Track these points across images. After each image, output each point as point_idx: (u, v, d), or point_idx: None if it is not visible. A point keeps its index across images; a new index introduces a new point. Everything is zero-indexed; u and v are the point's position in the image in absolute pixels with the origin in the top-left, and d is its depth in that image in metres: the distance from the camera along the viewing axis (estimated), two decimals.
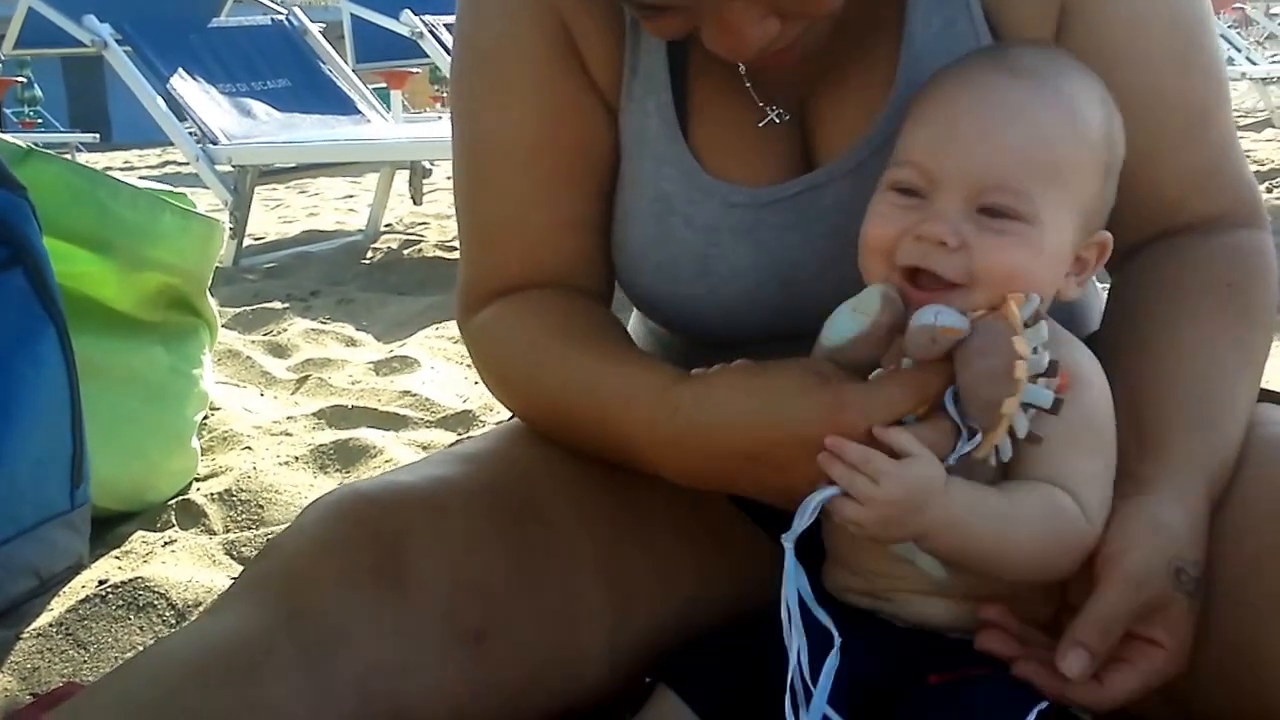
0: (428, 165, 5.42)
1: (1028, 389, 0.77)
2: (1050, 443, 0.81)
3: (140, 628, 1.40)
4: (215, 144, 4.47)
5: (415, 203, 5.48)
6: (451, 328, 3.03)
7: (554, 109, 0.99)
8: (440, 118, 8.43)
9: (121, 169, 9.96)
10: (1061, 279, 0.85)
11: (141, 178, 5.48)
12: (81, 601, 1.43)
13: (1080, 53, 0.91)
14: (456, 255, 1.08)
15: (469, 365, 2.74)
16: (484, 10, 1.02)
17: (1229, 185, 0.99)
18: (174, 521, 1.76)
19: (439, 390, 2.48)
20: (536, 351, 0.98)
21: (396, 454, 2.01)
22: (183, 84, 4.60)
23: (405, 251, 4.63)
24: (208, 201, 4.89)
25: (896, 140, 0.87)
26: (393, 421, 2.24)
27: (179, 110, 4.61)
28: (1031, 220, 0.81)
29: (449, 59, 1.08)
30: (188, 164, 4.71)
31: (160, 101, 4.60)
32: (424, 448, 2.07)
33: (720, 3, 0.81)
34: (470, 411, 2.28)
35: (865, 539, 0.82)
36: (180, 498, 1.83)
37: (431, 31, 5.27)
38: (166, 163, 10.68)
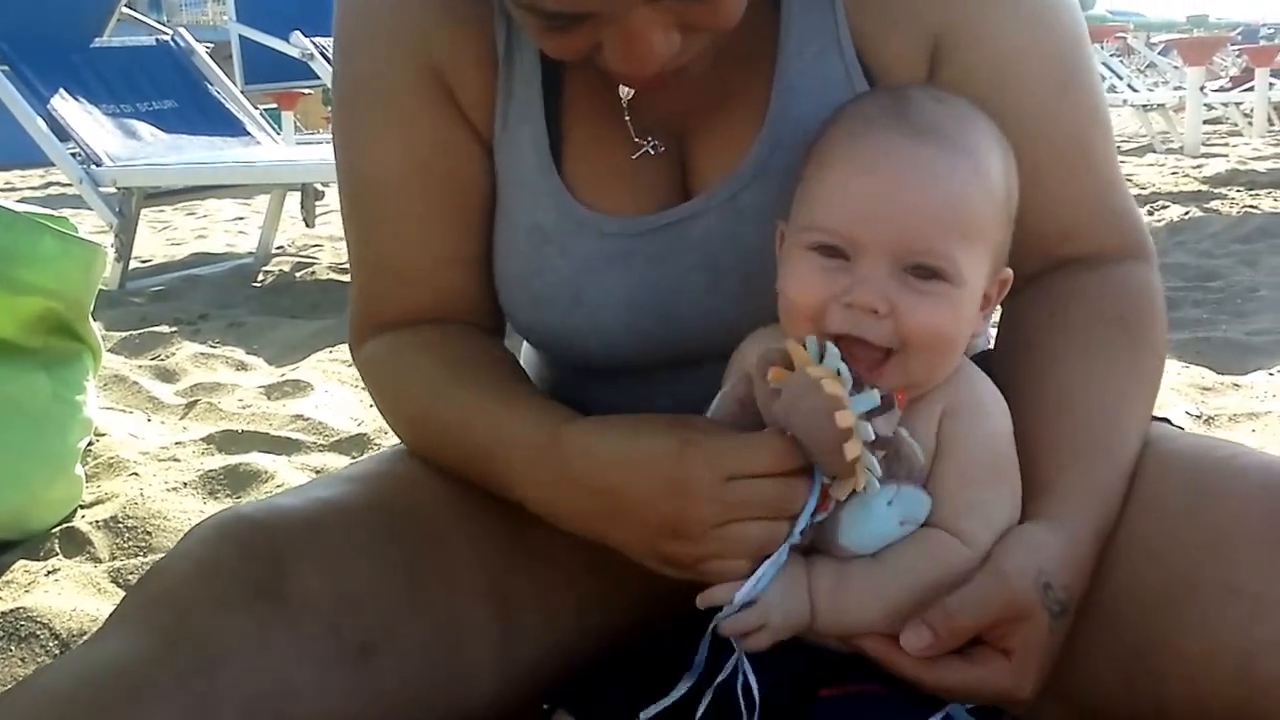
0: (320, 187, 5.36)
1: (861, 426, 0.78)
2: (941, 477, 0.83)
3: (22, 659, 1.37)
4: (99, 166, 4.38)
5: (308, 225, 5.42)
6: (345, 351, 2.99)
7: (425, 146, 0.99)
8: None
9: (1, 190, 9.67)
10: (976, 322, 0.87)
11: (23, 199, 5.31)
12: None
13: (955, 87, 0.92)
14: (349, 278, 1.09)
15: (363, 388, 2.71)
16: (353, 50, 1.02)
17: (1114, 220, 0.99)
18: (58, 550, 1.73)
19: (332, 414, 2.46)
20: (427, 386, 0.99)
21: (288, 478, 1.99)
22: (64, 104, 4.50)
23: (298, 274, 4.57)
24: (93, 224, 4.80)
25: (800, 197, 0.86)
26: (284, 446, 2.22)
27: (61, 131, 4.50)
28: (956, 280, 0.82)
29: None
30: (71, 185, 4.60)
31: (40, 122, 4.49)
32: (316, 471, 2.04)
33: (627, 8, 0.80)
34: (364, 435, 2.27)
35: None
36: (64, 525, 1.79)
37: (322, 53, 5.22)
38: (50, 184, 10.38)
